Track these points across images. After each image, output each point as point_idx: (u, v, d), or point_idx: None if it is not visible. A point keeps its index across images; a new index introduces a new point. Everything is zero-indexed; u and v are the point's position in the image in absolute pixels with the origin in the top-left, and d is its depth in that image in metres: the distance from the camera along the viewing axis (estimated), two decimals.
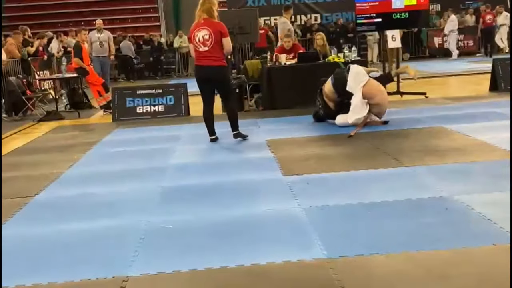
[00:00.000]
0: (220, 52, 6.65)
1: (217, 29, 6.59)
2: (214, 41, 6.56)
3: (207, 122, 7.01)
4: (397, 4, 9.50)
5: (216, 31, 6.58)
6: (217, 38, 6.57)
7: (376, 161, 5.39)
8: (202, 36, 6.60)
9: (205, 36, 6.58)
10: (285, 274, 3.04)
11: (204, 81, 6.77)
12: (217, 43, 6.58)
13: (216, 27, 6.62)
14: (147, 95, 9.72)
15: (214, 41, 6.56)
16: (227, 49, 6.68)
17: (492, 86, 9.92)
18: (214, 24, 6.62)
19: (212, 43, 6.57)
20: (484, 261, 3.04)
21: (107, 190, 5.02)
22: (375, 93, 7.28)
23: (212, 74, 6.68)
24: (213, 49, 6.58)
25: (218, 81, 6.76)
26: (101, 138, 7.87)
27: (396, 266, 3.05)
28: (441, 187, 4.41)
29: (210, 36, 6.56)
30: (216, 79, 6.74)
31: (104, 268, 3.24)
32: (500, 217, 3.59)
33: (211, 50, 6.59)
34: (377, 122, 7.34)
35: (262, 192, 4.66)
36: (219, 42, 6.59)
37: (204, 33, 6.59)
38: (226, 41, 6.62)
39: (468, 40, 19.50)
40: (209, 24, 6.61)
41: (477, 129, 6.58)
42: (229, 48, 6.73)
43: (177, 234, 3.76)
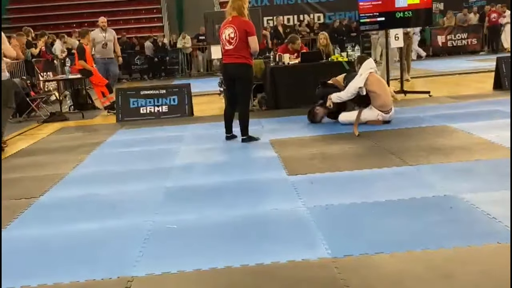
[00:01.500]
0: (245, 51, 6.62)
1: (242, 28, 6.57)
2: (239, 39, 6.56)
3: (226, 120, 7.04)
4: (400, 3, 9.49)
5: (242, 29, 6.56)
6: (242, 36, 6.55)
7: (380, 160, 5.39)
8: (228, 34, 6.62)
9: (231, 34, 6.59)
10: (290, 273, 3.04)
11: (228, 79, 6.84)
12: (242, 41, 6.57)
13: (242, 25, 6.58)
14: (151, 95, 9.73)
15: (239, 39, 6.56)
16: (253, 47, 6.62)
17: (496, 84, 9.90)
18: (240, 22, 6.60)
19: (237, 41, 6.57)
20: (488, 259, 3.04)
21: (112, 190, 5.03)
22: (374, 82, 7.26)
23: (234, 71, 6.70)
24: (238, 47, 6.58)
25: (239, 78, 6.70)
26: (105, 139, 7.88)
27: (400, 265, 3.05)
28: (446, 185, 4.41)
29: (235, 34, 6.57)
30: (237, 76, 6.70)
31: (109, 268, 3.25)
32: (504, 216, 3.58)
33: (236, 48, 6.59)
34: (377, 122, 7.31)
35: (266, 191, 4.66)
36: (244, 40, 6.57)
37: (230, 31, 6.60)
38: (252, 40, 6.57)
39: (471, 38, 19.46)
40: (236, 22, 6.61)
41: (481, 127, 6.57)
42: (255, 46, 6.65)
43: (182, 234, 3.77)
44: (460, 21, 19.81)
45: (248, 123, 6.85)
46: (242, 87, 6.76)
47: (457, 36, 19.52)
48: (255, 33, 6.65)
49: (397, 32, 9.99)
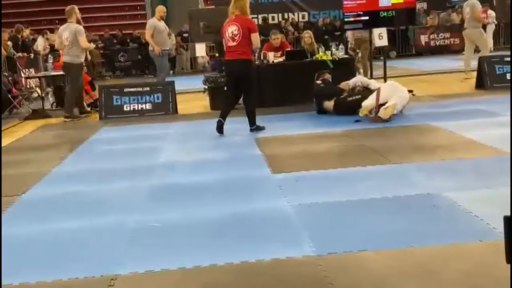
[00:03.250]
0: (248, 47, 6.93)
1: (245, 25, 6.89)
2: (242, 36, 6.86)
3: (224, 108, 7.27)
4: (384, 2, 9.53)
5: (245, 27, 6.88)
6: (245, 33, 6.86)
7: (364, 159, 5.42)
8: (232, 32, 6.92)
9: (234, 31, 6.89)
10: (274, 271, 3.05)
11: (231, 74, 7.16)
12: (245, 38, 6.87)
13: (245, 23, 6.92)
14: (134, 93, 9.67)
15: (242, 36, 6.86)
16: (255, 44, 6.97)
17: (478, 83, 10.00)
18: (243, 20, 6.94)
19: (240, 38, 6.87)
20: (471, 257, 3.07)
21: (95, 188, 5.00)
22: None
23: (237, 67, 6.98)
24: (241, 44, 6.88)
25: (242, 74, 6.99)
26: (88, 136, 7.82)
27: (384, 262, 3.07)
28: (429, 184, 4.44)
29: (238, 32, 6.87)
30: (240, 72, 6.99)
31: (92, 266, 3.22)
32: (486, 214, 3.62)
33: (239, 45, 6.89)
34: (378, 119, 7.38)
35: (251, 190, 4.66)
36: (247, 37, 6.87)
37: (234, 28, 6.90)
38: (254, 37, 6.90)
39: (454, 38, 19.62)
40: (239, 20, 6.92)
41: (464, 126, 6.63)
42: (257, 43, 7.04)
43: (166, 232, 3.75)
44: (443, 20, 19.97)
45: (255, 115, 7.19)
46: (246, 82, 7.05)
47: (440, 35, 19.66)
48: (257, 31, 7.01)
49: (381, 31, 10.04)
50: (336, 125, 7.26)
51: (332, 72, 8.87)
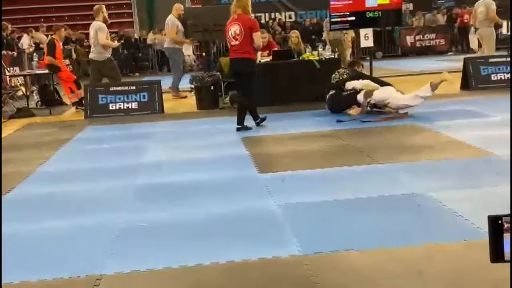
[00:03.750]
0: (250, 46, 7.03)
1: (247, 25, 7.00)
2: (244, 36, 6.97)
3: (251, 110, 7.39)
4: (371, 3, 9.58)
5: (247, 26, 6.99)
6: (247, 32, 6.96)
7: (350, 158, 5.44)
8: (234, 31, 7.03)
9: (236, 31, 7.01)
10: (261, 271, 3.05)
11: (234, 72, 7.34)
12: (247, 37, 6.97)
13: (247, 22, 7.04)
14: (120, 92, 9.61)
15: (244, 36, 6.97)
16: (257, 43, 7.08)
17: (463, 84, 10.08)
18: (245, 20, 7.05)
19: (242, 37, 6.98)
20: (455, 257, 3.09)
21: (80, 188, 4.96)
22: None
23: (240, 66, 7.13)
24: (243, 43, 7.00)
25: (244, 72, 7.11)
26: (74, 135, 7.77)
27: (370, 261, 3.08)
28: (414, 183, 4.47)
29: (240, 31, 6.98)
30: (242, 70, 7.11)
31: (77, 266, 3.20)
32: (471, 214, 3.65)
33: (241, 44, 7.01)
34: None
35: (237, 189, 4.66)
36: (249, 36, 6.97)
37: (236, 28, 7.02)
38: (256, 36, 7.03)
39: (440, 39, 19.77)
40: (241, 19, 7.03)
41: (449, 126, 6.68)
42: (259, 42, 7.17)
43: (152, 232, 3.74)
44: (428, 21, 20.11)
45: (256, 109, 7.35)
46: (247, 80, 7.15)
47: (425, 36, 19.80)
48: (259, 30, 7.20)
49: (367, 32, 10.09)
50: (323, 125, 7.29)
51: (318, 71, 8.91)
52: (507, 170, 4.72)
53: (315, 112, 8.29)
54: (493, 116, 7.22)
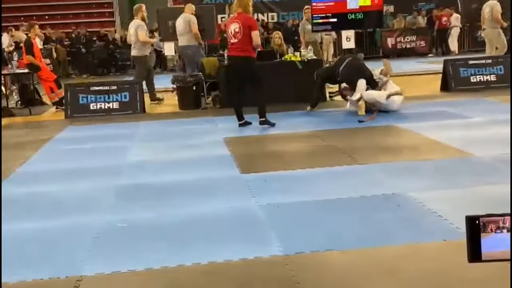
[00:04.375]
0: (249, 45, 7.13)
1: (247, 24, 7.10)
2: (243, 34, 7.07)
3: (235, 109, 7.46)
4: (352, 4, 9.63)
5: (246, 25, 7.08)
6: (246, 31, 7.06)
7: (331, 159, 5.47)
8: (234, 29, 7.14)
9: (236, 29, 7.11)
10: (242, 271, 3.05)
11: (233, 70, 7.42)
12: (246, 36, 7.07)
13: (246, 21, 7.13)
14: (101, 91, 9.54)
15: (243, 34, 7.07)
16: (255, 41, 7.16)
17: (443, 86, 10.19)
18: (245, 19, 7.15)
19: (241, 35, 7.08)
20: (435, 256, 3.13)
21: (61, 188, 4.92)
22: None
23: (239, 64, 7.24)
24: (242, 41, 7.10)
25: (243, 70, 7.23)
26: (54, 135, 7.69)
27: (351, 261, 3.10)
28: (394, 184, 4.51)
29: (240, 29, 7.08)
30: (242, 69, 7.24)
31: (57, 268, 3.18)
32: (450, 214, 3.69)
33: (240, 42, 7.11)
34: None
35: (219, 190, 4.66)
36: (248, 35, 7.07)
37: (236, 26, 7.12)
38: (254, 34, 7.12)
39: (420, 41, 19.95)
40: (241, 18, 7.14)
41: (429, 127, 6.75)
42: (257, 41, 7.26)
43: (133, 233, 3.72)
44: (409, 24, 20.28)
45: (264, 107, 7.32)
46: (251, 79, 7.24)
47: (406, 38, 19.96)
48: (257, 29, 7.29)
49: (349, 33, 10.15)
50: (305, 126, 7.32)
51: (300, 72, 8.94)
52: (485, 171, 4.79)
53: (297, 113, 8.32)
54: (472, 117, 7.31)
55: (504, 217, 1.31)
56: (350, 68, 8.29)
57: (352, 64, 8.36)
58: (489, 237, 1.32)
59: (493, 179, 4.50)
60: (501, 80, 9.98)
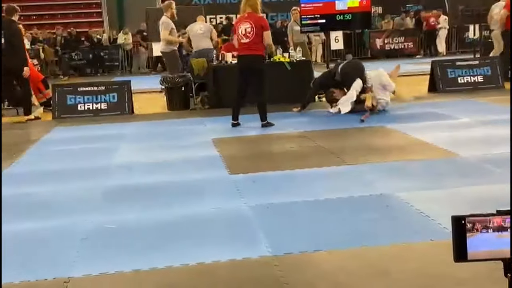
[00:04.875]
0: (260, 44, 7.24)
1: (259, 23, 7.19)
2: (256, 34, 7.15)
3: (234, 107, 7.52)
4: (341, 6, 9.69)
5: (258, 25, 7.17)
6: (258, 31, 7.15)
7: (320, 160, 5.48)
8: (245, 29, 7.18)
9: (248, 29, 7.16)
10: (231, 272, 3.05)
11: (243, 69, 7.39)
12: (258, 35, 7.17)
13: (258, 21, 7.23)
14: (89, 92, 9.50)
15: (255, 34, 7.14)
16: (267, 41, 7.30)
17: (431, 87, 10.25)
18: (256, 18, 7.23)
19: (253, 35, 7.15)
20: (422, 256, 3.15)
21: (48, 189, 4.89)
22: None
23: (250, 62, 7.26)
24: (254, 40, 7.17)
25: (255, 67, 7.25)
26: (41, 136, 7.65)
27: (339, 262, 3.11)
28: (382, 184, 4.53)
29: (252, 29, 7.14)
30: (253, 67, 7.26)
31: (44, 269, 3.16)
32: (438, 214, 3.71)
33: (252, 42, 7.18)
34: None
35: (208, 190, 4.65)
36: (260, 35, 7.17)
37: (247, 26, 7.17)
38: (267, 34, 7.24)
39: (408, 42, 20.06)
40: (252, 18, 7.20)
41: (417, 128, 6.79)
42: (269, 40, 7.38)
43: (121, 234, 3.71)
44: (397, 25, 20.39)
45: (266, 109, 7.39)
46: (258, 77, 7.28)
47: (394, 39, 20.07)
48: (269, 28, 7.40)
49: (337, 34, 10.20)
50: (294, 127, 7.33)
51: (289, 73, 8.96)
52: (471, 171, 4.83)
53: (285, 113, 8.33)
54: (459, 118, 7.36)
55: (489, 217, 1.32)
56: (350, 66, 8.37)
57: (353, 63, 8.46)
58: (474, 237, 1.34)
59: (479, 180, 4.54)
60: (488, 81, 10.07)
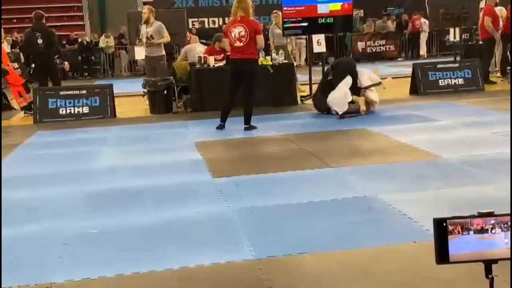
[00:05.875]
0: (253, 48, 7.28)
1: (252, 27, 7.23)
2: (249, 38, 7.18)
3: (223, 109, 7.52)
4: (323, 9, 9.71)
5: (252, 29, 7.21)
6: (251, 35, 7.18)
7: (303, 162, 5.49)
8: (238, 33, 7.21)
9: (241, 32, 7.19)
10: (214, 276, 3.05)
11: (235, 73, 7.37)
12: (252, 39, 7.20)
13: (252, 25, 7.26)
14: (71, 96, 9.42)
15: (249, 38, 7.18)
16: (260, 45, 7.36)
17: (412, 89, 10.34)
18: (249, 22, 7.25)
19: (247, 39, 7.18)
20: (405, 258, 3.17)
21: (30, 194, 4.84)
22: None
23: (243, 66, 7.28)
24: (247, 44, 7.21)
25: (248, 72, 7.28)
26: (22, 140, 7.56)
27: (323, 264, 3.12)
28: (365, 187, 4.56)
29: (245, 33, 7.18)
30: (246, 70, 7.28)
31: (26, 275, 3.12)
32: (420, 215, 3.74)
33: (246, 46, 7.21)
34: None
35: (191, 194, 4.64)
36: (253, 38, 7.21)
37: (240, 29, 7.20)
38: (260, 38, 7.29)
39: (390, 45, 20.22)
40: (245, 22, 7.22)
41: (399, 130, 6.84)
42: (262, 44, 7.47)
43: (103, 239, 3.68)
44: (379, 28, 20.55)
45: (252, 113, 7.41)
46: (250, 80, 7.32)
47: (376, 42, 20.21)
48: (261, 32, 7.46)
49: (319, 37, 10.22)
50: (277, 130, 7.33)
51: (271, 76, 8.98)
52: (453, 173, 4.88)
53: (268, 116, 8.33)
54: (440, 120, 7.43)
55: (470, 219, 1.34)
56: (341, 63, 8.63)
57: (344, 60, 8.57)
58: (456, 239, 1.35)
59: (461, 181, 4.59)
60: (469, 83, 10.19)
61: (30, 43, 10.51)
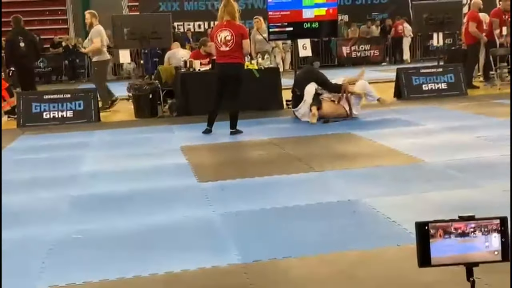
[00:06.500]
0: (240, 52, 7.25)
1: (238, 32, 7.20)
2: (235, 42, 7.14)
3: (210, 114, 7.51)
4: (308, 14, 9.75)
5: (238, 33, 7.18)
6: (238, 40, 7.15)
7: (288, 167, 5.51)
8: (224, 37, 7.17)
9: (227, 37, 7.16)
10: (200, 281, 3.05)
11: (222, 77, 7.36)
12: (238, 44, 7.17)
13: (238, 29, 7.23)
14: (55, 100, 9.36)
15: (235, 42, 7.14)
16: (246, 49, 7.35)
17: (396, 94, 10.42)
18: (236, 27, 7.23)
19: (233, 43, 7.15)
20: (389, 261, 3.19)
21: (13, 199, 4.79)
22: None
23: (230, 70, 7.25)
24: (234, 49, 7.18)
25: (234, 76, 7.26)
26: (6, 145, 7.49)
27: (308, 268, 3.14)
28: (350, 190, 4.59)
29: (232, 37, 7.14)
30: (232, 75, 7.26)
31: (10, 280, 3.09)
32: (403, 219, 3.77)
33: (232, 50, 7.18)
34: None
35: (177, 199, 4.63)
36: (239, 43, 7.17)
37: (226, 34, 7.16)
38: (246, 43, 7.28)
39: (374, 50, 20.36)
40: (231, 26, 7.19)
41: (383, 135, 6.89)
42: (248, 49, 7.50)
43: (88, 244, 3.66)
44: (363, 33, 20.68)
45: (237, 118, 7.40)
46: (235, 84, 7.29)
47: (360, 47, 20.35)
48: (248, 37, 7.48)
49: (305, 42, 10.27)
50: (262, 134, 7.35)
51: (257, 81, 9.00)
52: (436, 177, 4.93)
53: (254, 121, 8.35)
54: (424, 124, 7.50)
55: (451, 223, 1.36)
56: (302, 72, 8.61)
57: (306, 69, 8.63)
58: (437, 242, 1.37)
59: (444, 185, 4.63)
60: (452, 88, 10.30)
61: (13, 46, 10.49)
